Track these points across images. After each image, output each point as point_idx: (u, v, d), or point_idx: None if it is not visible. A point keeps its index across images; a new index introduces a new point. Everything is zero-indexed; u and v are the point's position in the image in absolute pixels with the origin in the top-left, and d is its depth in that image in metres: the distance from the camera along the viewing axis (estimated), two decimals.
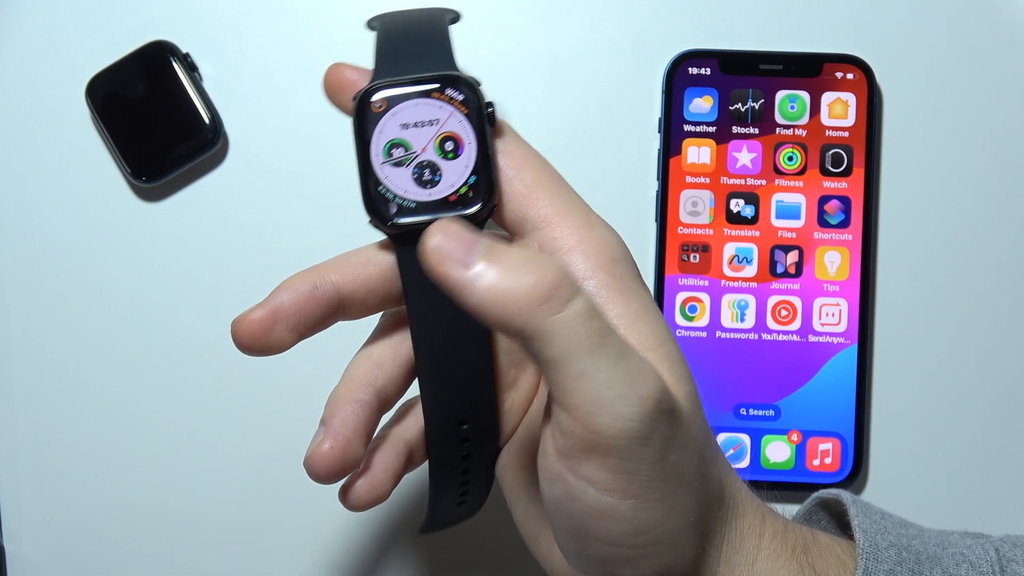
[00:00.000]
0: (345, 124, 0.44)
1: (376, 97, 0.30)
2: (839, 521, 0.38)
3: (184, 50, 0.46)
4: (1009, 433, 0.47)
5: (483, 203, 0.30)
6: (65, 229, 0.47)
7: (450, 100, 0.30)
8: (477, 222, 0.30)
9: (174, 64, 0.46)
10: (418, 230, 0.29)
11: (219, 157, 0.47)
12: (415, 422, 0.33)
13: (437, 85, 0.30)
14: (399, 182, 0.30)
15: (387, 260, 0.32)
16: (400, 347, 0.33)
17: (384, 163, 0.30)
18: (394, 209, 0.29)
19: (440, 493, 0.33)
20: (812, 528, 0.34)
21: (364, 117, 0.30)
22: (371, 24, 0.35)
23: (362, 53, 0.47)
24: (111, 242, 0.47)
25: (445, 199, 0.30)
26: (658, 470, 0.27)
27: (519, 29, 0.47)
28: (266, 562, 0.47)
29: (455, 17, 0.35)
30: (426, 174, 0.30)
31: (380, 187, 0.30)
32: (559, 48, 0.47)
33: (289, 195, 0.47)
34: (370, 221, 0.30)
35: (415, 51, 0.32)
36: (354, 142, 0.30)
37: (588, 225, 0.30)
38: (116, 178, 0.47)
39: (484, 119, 0.30)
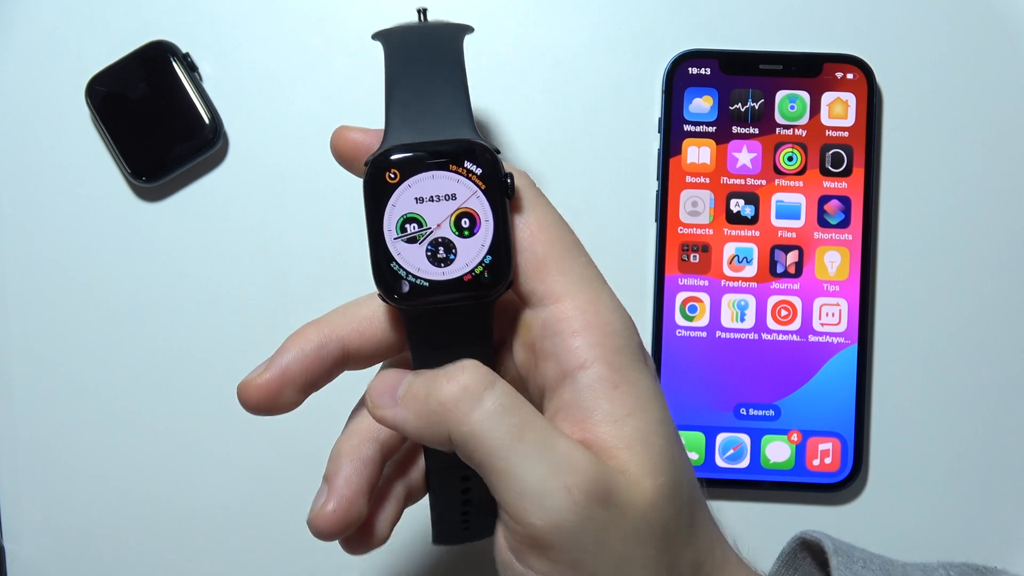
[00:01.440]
0: (347, 123, 0.44)
1: (389, 166, 0.28)
2: (819, 559, 0.37)
3: (184, 50, 0.46)
4: (1009, 433, 0.47)
5: (497, 285, 0.29)
6: (65, 229, 0.47)
7: (468, 174, 0.28)
8: (491, 303, 0.29)
9: (174, 64, 0.46)
10: (430, 309, 0.29)
11: (219, 157, 0.47)
12: (415, 466, 0.34)
13: (454, 155, 0.28)
14: (412, 259, 0.28)
15: (393, 315, 0.31)
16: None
17: (397, 239, 0.28)
18: (407, 288, 0.29)
19: (441, 515, 0.34)
20: None
21: (377, 188, 0.28)
22: (376, 38, 0.33)
23: (363, 53, 0.47)
24: (111, 242, 0.47)
25: (459, 279, 0.29)
26: (602, 559, 0.27)
27: (519, 29, 0.47)
28: (266, 562, 0.47)
29: (468, 31, 0.34)
30: (440, 252, 0.29)
31: (393, 263, 0.28)
32: (559, 48, 0.47)
33: (289, 195, 0.47)
34: (380, 296, 0.29)
35: (429, 99, 0.30)
36: (365, 210, 0.29)
37: (595, 307, 0.29)
38: (116, 178, 0.47)
39: (503, 193, 0.29)
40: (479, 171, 0.28)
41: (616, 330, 0.29)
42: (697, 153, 0.46)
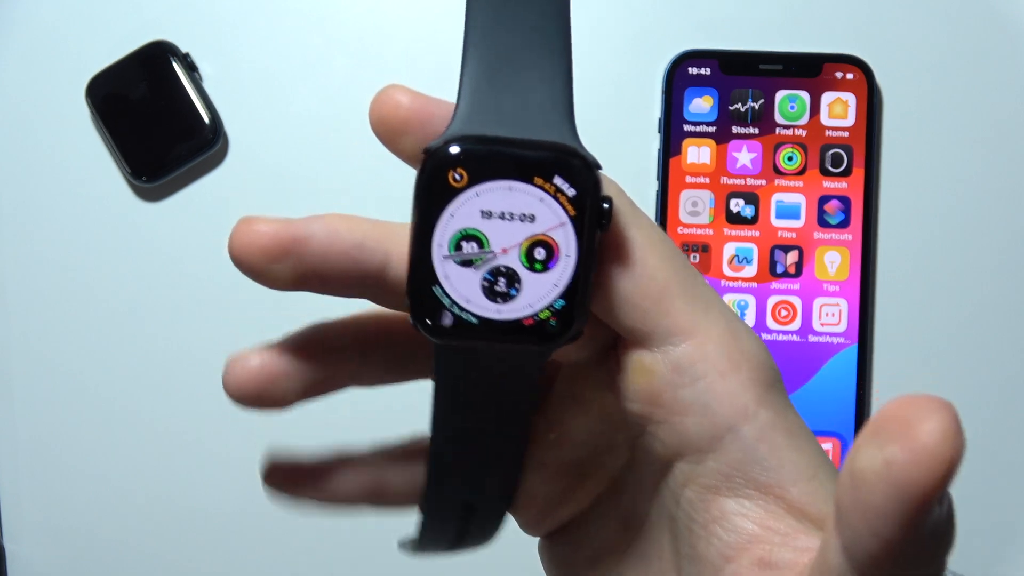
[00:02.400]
0: (346, 124, 0.45)
1: (458, 162, 0.22)
2: None
3: (184, 50, 0.46)
4: (1009, 433, 0.47)
5: (565, 335, 0.23)
6: (65, 229, 0.47)
7: (556, 192, 0.22)
8: (550, 353, 0.23)
9: (174, 64, 0.46)
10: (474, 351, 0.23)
11: (219, 157, 0.47)
12: (404, 466, 0.27)
13: (544, 167, 0.22)
14: (462, 287, 0.22)
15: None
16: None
17: (447, 257, 0.22)
18: (448, 320, 0.22)
19: (429, 526, 0.28)
20: None
21: (434, 188, 0.22)
22: None
23: (363, 53, 0.47)
24: (111, 242, 0.47)
25: (518, 322, 0.22)
26: None
27: None
28: (266, 562, 0.47)
29: None
30: (500, 284, 0.22)
31: (436, 287, 0.22)
32: None
33: (289, 195, 0.47)
34: (410, 321, 0.23)
35: (523, 73, 0.23)
36: (413, 213, 0.22)
37: (735, 339, 0.24)
38: (116, 178, 0.47)
39: (595, 222, 0.22)
40: (572, 192, 0.22)
41: (763, 363, 0.24)
42: (697, 153, 0.46)
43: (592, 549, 0.28)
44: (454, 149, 0.22)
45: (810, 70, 0.46)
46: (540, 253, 0.22)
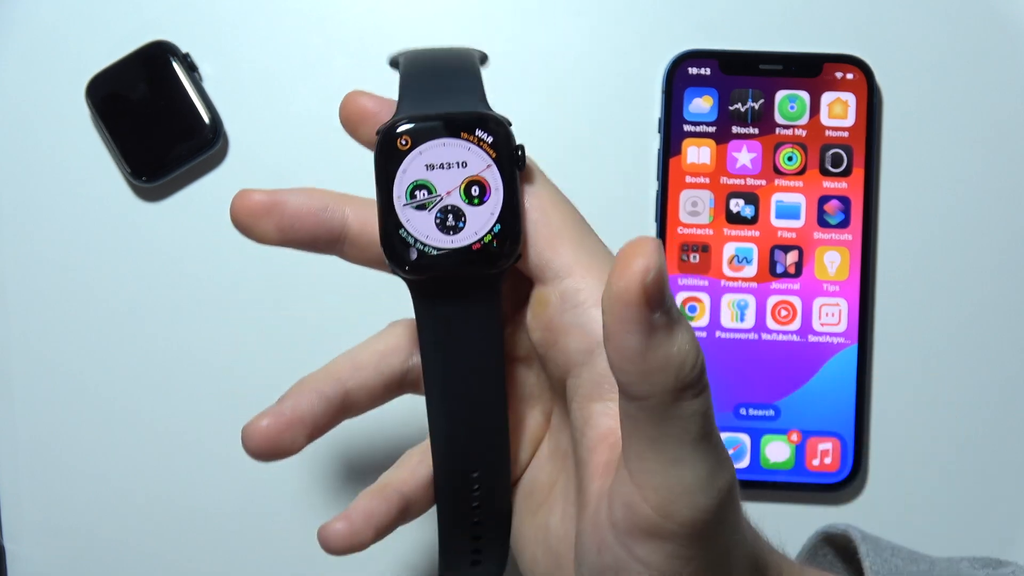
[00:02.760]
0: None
1: (401, 132, 0.28)
2: (845, 555, 0.37)
3: (184, 50, 0.46)
4: (1009, 433, 0.47)
5: (507, 255, 0.28)
6: (65, 229, 0.47)
7: (479, 142, 0.28)
8: (500, 275, 0.29)
9: (174, 64, 0.46)
10: (437, 278, 0.28)
11: (219, 157, 0.47)
12: (413, 474, 0.33)
13: (466, 123, 0.28)
14: (421, 227, 0.28)
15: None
16: (386, 359, 0.33)
17: (406, 205, 0.28)
18: (414, 255, 0.28)
19: (449, 544, 0.32)
20: (822, 572, 0.33)
21: (388, 154, 0.28)
22: (394, 61, 0.33)
23: (363, 53, 0.47)
24: (111, 242, 0.47)
25: (468, 247, 0.28)
26: (714, 555, 0.26)
27: (519, 29, 0.47)
28: (266, 562, 0.47)
29: (483, 57, 0.34)
30: (449, 219, 0.28)
31: (401, 230, 0.28)
32: (559, 48, 0.47)
33: None
34: (387, 264, 0.29)
35: (443, 86, 0.30)
36: (375, 179, 0.28)
37: None
38: (116, 178, 0.47)
39: (513, 163, 0.29)
40: (490, 140, 0.28)
41: None
42: (697, 153, 0.46)
43: (533, 490, 0.32)
44: (398, 124, 0.28)
45: (810, 70, 0.46)
46: (475, 190, 0.28)
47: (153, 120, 0.46)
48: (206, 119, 0.46)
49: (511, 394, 0.32)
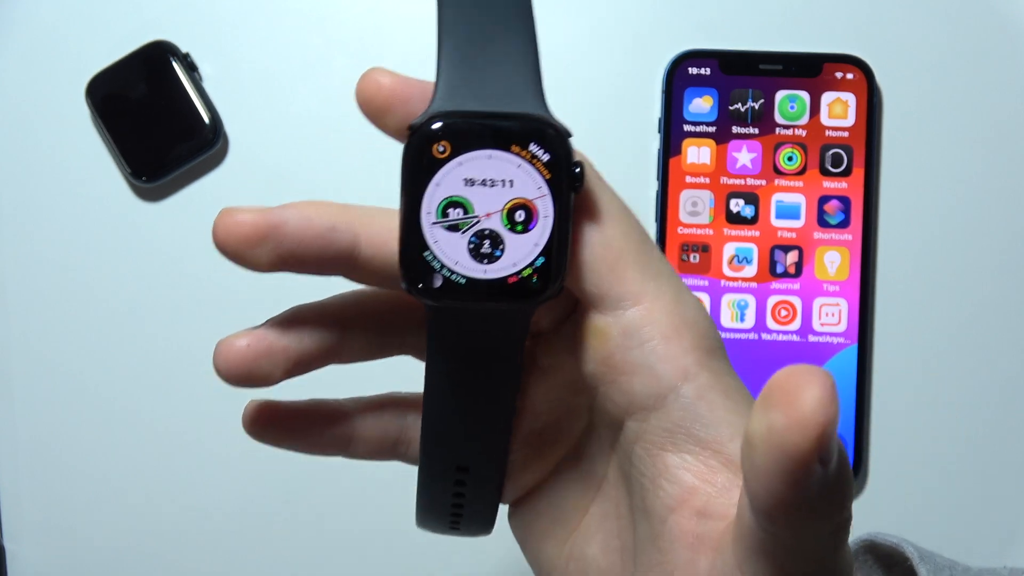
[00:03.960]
0: (346, 124, 0.45)
1: (441, 136, 0.24)
2: (884, 562, 0.36)
3: (184, 50, 0.46)
4: (1009, 433, 0.47)
5: (546, 292, 0.24)
6: (65, 229, 0.47)
7: (532, 159, 0.24)
8: (533, 310, 0.25)
9: (174, 64, 0.46)
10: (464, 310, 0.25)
11: (219, 157, 0.47)
12: (374, 415, 0.29)
13: (521, 136, 0.24)
14: (450, 250, 0.24)
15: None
16: (396, 308, 0.29)
17: (436, 224, 0.24)
18: (439, 282, 0.24)
19: (425, 503, 0.29)
20: None
21: (420, 160, 0.24)
22: None
23: (363, 53, 0.47)
24: (111, 242, 0.47)
25: (503, 280, 0.24)
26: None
27: None
28: (266, 562, 0.47)
29: None
30: (485, 246, 0.24)
31: (427, 252, 0.24)
32: (559, 48, 0.47)
33: (289, 195, 0.46)
34: (403, 285, 0.24)
35: (495, 59, 0.25)
36: (402, 186, 0.24)
37: (681, 307, 0.25)
38: (116, 178, 0.47)
39: (569, 186, 0.24)
40: (546, 157, 0.24)
41: (706, 331, 0.26)
42: (697, 153, 0.46)
43: (557, 512, 0.30)
44: (436, 124, 0.24)
45: (810, 70, 0.46)
46: (520, 215, 0.24)
47: (153, 120, 0.46)
48: (206, 119, 0.46)
49: (535, 402, 0.29)
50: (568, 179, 0.24)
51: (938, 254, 0.47)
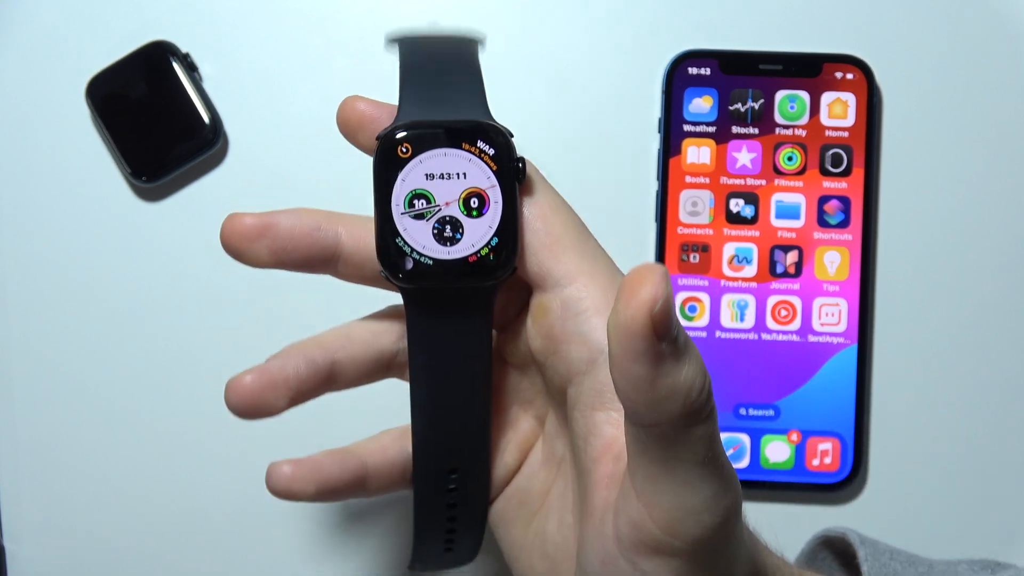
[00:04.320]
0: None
1: (402, 140, 0.28)
2: (844, 559, 0.37)
3: (184, 50, 0.46)
4: (1009, 433, 0.47)
5: (502, 268, 0.28)
6: (65, 229, 0.47)
7: (480, 153, 0.28)
8: (494, 288, 0.29)
9: (174, 64, 0.46)
10: (431, 289, 0.28)
11: (219, 157, 0.47)
12: (383, 450, 0.33)
13: (469, 134, 0.28)
14: (418, 236, 0.28)
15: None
16: (379, 337, 0.32)
17: (404, 214, 0.28)
18: (410, 264, 0.28)
19: (423, 534, 0.32)
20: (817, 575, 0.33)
21: (388, 161, 0.28)
22: (392, 41, 0.32)
23: (363, 53, 0.47)
24: (111, 242, 0.47)
25: (464, 259, 0.28)
26: (718, 569, 0.27)
27: (519, 29, 0.47)
28: (266, 562, 0.47)
29: (482, 41, 0.33)
30: (447, 230, 0.28)
31: (398, 239, 0.28)
32: (559, 48, 0.47)
33: (289, 195, 0.47)
34: (382, 273, 0.29)
35: (444, 87, 0.30)
36: (374, 185, 0.28)
37: (613, 284, 0.29)
38: (116, 178, 0.47)
39: (514, 175, 0.28)
40: (492, 152, 0.28)
41: None
42: (697, 153, 0.46)
43: (524, 496, 0.32)
44: (399, 131, 0.28)
45: (810, 70, 0.46)
46: (474, 202, 0.28)
47: (153, 120, 0.46)
48: (206, 119, 0.46)
49: (502, 398, 0.33)
50: (512, 169, 0.28)
51: (938, 254, 0.47)
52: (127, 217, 0.47)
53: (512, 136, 0.29)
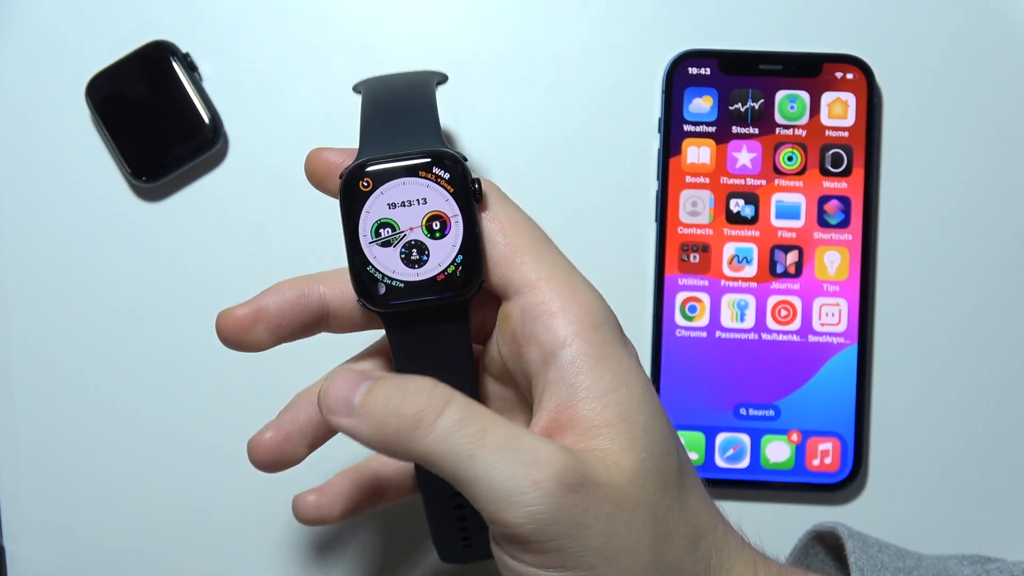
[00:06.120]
0: (346, 125, 0.44)
1: (363, 175, 0.30)
2: (836, 554, 0.37)
3: (184, 50, 0.46)
4: (1009, 433, 0.47)
5: (470, 283, 0.30)
6: (65, 229, 0.47)
7: (436, 179, 0.30)
8: (467, 302, 0.31)
9: (174, 64, 0.46)
10: (407, 309, 0.30)
11: (219, 157, 0.47)
12: (395, 460, 0.35)
13: (424, 163, 0.30)
14: (387, 262, 0.30)
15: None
16: (383, 370, 0.34)
17: (372, 243, 0.30)
18: (383, 289, 0.30)
19: (438, 532, 0.35)
20: (807, 572, 0.33)
21: (351, 196, 0.30)
22: (356, 89, 0.35)
23: (363, 53, 0.47)
24: (111, 242, 0.47)
25: (432, 279, 0.30)
26: (586, 540, 0.27)
27: (519, 29, 0.47)
28: (266, 562, 0.47)
29: (442, 79, 0.36)
30: (413, 254, 0.30)
31: (368, 267, 0.30)
32: (559, 48, 0.47)
33: (289, 195, 0.47)
34: (359, 300, 0.30)
35: (400, 124, 0.32)
36: (342, 220, 0.30)
37: (571, 289, 0.30)
38: (116, 178, 0.47)
39: (470, 196, 0.30)
40: (447, 176, 0.30)
41: (594, 308, 0.30)
42: (697, 153, 0.46)
43: None
44: (359, 168, 0.30)
45: (810, 70, 0.46)
46: (436, 224, 0.30)
47: (153, 120, 0.46)
48: (206, 119, 0.46)
49: (490, 409, 0.34)
50: (468, 191, 0.30)
51: (938, 254, 0.47)
52: (127, 217, 0.47)
53: (466, 160, 0.30)
